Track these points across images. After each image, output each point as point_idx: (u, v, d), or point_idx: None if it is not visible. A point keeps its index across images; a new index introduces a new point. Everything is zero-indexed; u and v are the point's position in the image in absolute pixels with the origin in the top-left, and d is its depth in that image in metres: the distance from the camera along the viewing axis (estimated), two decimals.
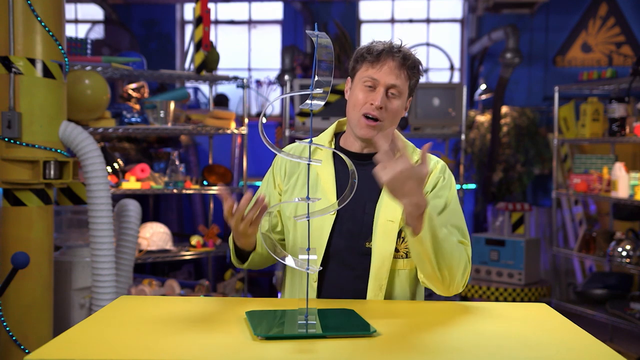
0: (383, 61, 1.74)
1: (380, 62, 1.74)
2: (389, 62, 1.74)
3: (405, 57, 1.75)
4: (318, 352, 1.26)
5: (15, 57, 2.71)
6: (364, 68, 1.77)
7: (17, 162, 2.75)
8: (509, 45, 5.92)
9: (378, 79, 1.74)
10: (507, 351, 1.31)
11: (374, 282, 1.75)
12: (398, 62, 1.74)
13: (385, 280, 1.75)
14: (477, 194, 6.53)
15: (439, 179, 1.80)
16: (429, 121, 4.66)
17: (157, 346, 1.28)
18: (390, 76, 1.74)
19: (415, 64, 1.77)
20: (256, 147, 5.94)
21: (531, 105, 6.61)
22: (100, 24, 6.55)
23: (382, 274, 1.75)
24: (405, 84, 1.76)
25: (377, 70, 1.74)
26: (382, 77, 1.74)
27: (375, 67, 1.74)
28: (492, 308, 1.68)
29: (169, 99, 3.99)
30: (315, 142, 1.82)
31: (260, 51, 7.20)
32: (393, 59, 1.74)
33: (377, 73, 1.74)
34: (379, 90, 1.74)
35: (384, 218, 1.75)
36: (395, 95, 1.75)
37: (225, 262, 5.41)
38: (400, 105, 1.77)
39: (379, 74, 1.74)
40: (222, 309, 1.59)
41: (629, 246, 4.18)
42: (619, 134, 4.24)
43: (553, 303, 4.63)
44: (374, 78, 1.74)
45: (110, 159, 3.72)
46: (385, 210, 1.76)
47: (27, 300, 2.76)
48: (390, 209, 1.76)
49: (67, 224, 3.44)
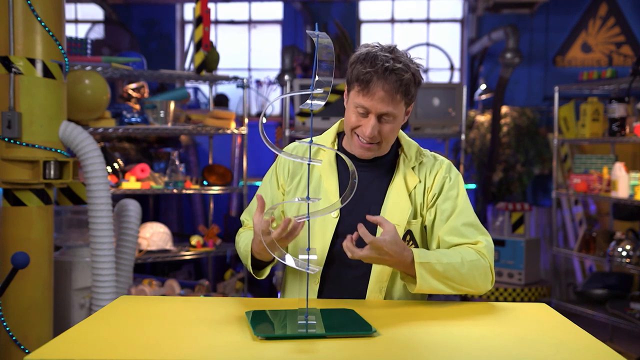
0: (373, 88, 1.63)
1: (370, 90, 1.63)
2: (378, 91, 1.63)
3: (399, 79, 1.63)
4: (318, 352, 1.26)
5: (15, 57, 2.70)
6: (355, 92, 1.68)
7: (17, 162, 2.75)
8: (509, 45, 5.92)
9: (369, 108, 1.65)
10: (507, 351, 1.31)
11: (375, 284, 1.75)
12: (391, 87, 1.63)
13: (385, 283, 1.75)
14: (477, 194, 6.53)
15: (445, 179, 1.79)
16: (429, 121, 4.66)
17: (157, 346, 1.28)
18: (382, 104, 1.64)
19: (409, 81, 1.65)
20: (256, 147, 5.93)
21: (531, 105, 6.61)
22: (100, 24, 6.55)
23: (383, 275, 1.75)
24: (399, 105, 1.67)
25: (369, 99, 1.64)
26: (373, 106, 1.65)
27: (367, 96, 1.64)
28: (492, 308, 1.68)
29: (169, 99, 3.99)
30: (317, 141, 1.83)
31: (260, 51, 7.20)
32: (384, 85, 1.62)
33: (368, 102, 1.65)
34: (370, 118, 1.66)
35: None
36: (389, 120, 1.68)
37: (225, 262, 5.41)
38: (397, 124, 1.71)
39: (370, 103, 1.65)
40: (222, 309, 1.59)
41: (629, 246, 4.18)
42: (619, 134, 4.24)
43: (553, 303, 4.63)
44: (364, 107, 1.66)
45: (110, 159, 3.72)
46: (390, 213, 1.76)
47: (27, 300, 2.76)
48: (395, 212, 1.75)
49: (67, 224, 3.44)
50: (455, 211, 1.76)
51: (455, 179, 1.81)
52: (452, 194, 1.78)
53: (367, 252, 1.56)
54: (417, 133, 4.67)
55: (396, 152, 1.83)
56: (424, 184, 1.79)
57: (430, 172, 1.80)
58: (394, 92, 1.64)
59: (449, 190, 1.78)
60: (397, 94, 1.65)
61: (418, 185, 1.79)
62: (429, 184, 1.79)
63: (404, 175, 1.78)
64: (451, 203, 1.77)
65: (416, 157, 1.81)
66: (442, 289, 1.66)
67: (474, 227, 1.76)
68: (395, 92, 1.64)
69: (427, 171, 1.80)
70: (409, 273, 1.65)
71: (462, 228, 1.74)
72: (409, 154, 1.81)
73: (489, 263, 1.72)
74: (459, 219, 1.75)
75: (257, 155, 6.07)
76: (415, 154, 1.82)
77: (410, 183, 1.78)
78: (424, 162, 1.82)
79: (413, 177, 1.79)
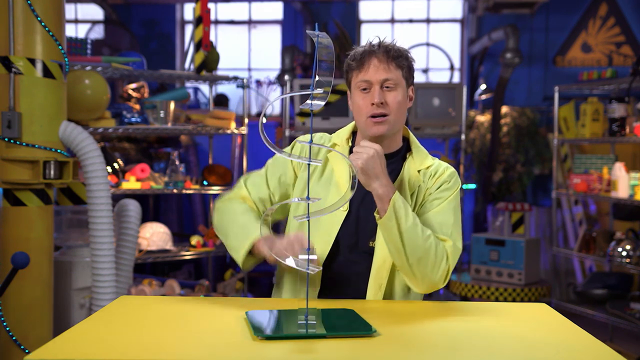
0: (367, 62, 1.77)
1: (365, 64, 1.78)
2: (373, 60, 1.77)
3: (386, 50, 1.77)
4: (318, 352, 1.26)
5: (15, 57, 2.70)
6: (354, 75, 1.80)
7: (17, 162, 2.75)
8: (509, 45, 5.92)
9: (369, 79, 1.77)
10: (507, 351, 1.31)
11: (374, 281, 1.77)
12: (382, 57, 1.77)
13: (385, 280, 1.77)
14: (477, 194, 6.53)
15: (444, 182, 1.82)
16: (429, 121, 4.66)
17: (157, 346, 1.28)
18: (379, 72, 1.76)
19: (399, 53, 1.79)
20: (256, 147, 5.93)
21: (531, 105, 6.61)
22: (100, 24, 6.55)
23: (382, 272, 1.77)
24: (397, 73, 1.78)
25: (365, 72, 1.77)
26: (371, 76, 1.77)
27: (363, 70, 1.78)
28: (492, 308, 1.69)
29: (169, 99, 3.98)
30: (334, 138, 1.90)
31: (260, 51, 7.20)
32: (376, 55, 1.77)
33: (366, 74, 1.77)
34: (374, 89, 1.77)
35: None
36: (391, 88, 1.78)
37: (225, 262, 5.41)
38: (400, 95, 1.78)
39: (368, 75, 1.77)
40: (222, 309, 1.59)
41: (629, 246, 4.18)
42: (619, 134, 4.24)
43: (553, 303, 4.63)
44: (365, 80, 1.78)
45: (110, 159, 3.72)
46: None
47: (27, 300, 2.76)
48: None
49: (67, 224, 3.44)
50: (437, 209, 1.79)
51: (453, 186, 1.82)
52: (444, 195, 1.80)
53: (373, 147, 1.69)
54: (417, 133, 4.67)
55: (404, 155, 1.87)
56: (425, 185, 1.83)
57: (434, 176, 1.83)
58: (387, 60, 1.77)
59: (441, 192, 1.81)
60: (390, 62, 1.77)
61: (421, 185, 1.82)
62: (430, 185, 1.82)
63: (408, 176, 1.82)
64: (438, 202, 1.80)
65: (423, 161, 1.85)
66: (396, 243, 1.66)
67: (448, 228, 1.77)
68: (388, 60, 1.77)
69: (432, 174, 1.83)
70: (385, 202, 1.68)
71: (435, 224, 1.77)
72: (417, 158, 1.85)
73: (449, 263, 1.72)
74: (437, 217, 1.78)
75: (257, 155, 6.05)
76: (423, 159, 1.85)
77: (414, 184, 1.82)
78: (430, 167, 1.85)
79: (417, 178, 1.82)
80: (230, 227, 1.79)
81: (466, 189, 6.29)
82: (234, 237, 1.76)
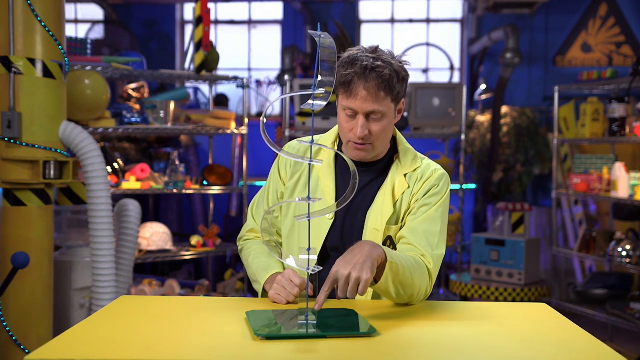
0: (356, 90, 1.64)
1: (353, 92, 1.65)
2: (360, 90, 1.64)
3: (380, 77, 1.64)
4: (318, 352, 1.26)
5: (15, 57, 2.70)
6: (341, 95, 1.70)
7: (17, 162, 2.75)
8: (509, 45, 5.92)
9: (355, 108, 1.67)
10: (507, 351, 1.31)
11: None
12: (372, 85, 1.64)
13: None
14: (477, 194, 6.53)
15: (432, 186, 1.78)
16: (429, 121, 4.66)
17: (157, 346, 1.28)
18: (367, 103, 1.65)
19: (392, 81, 1.66)
20: (256, 147, 5.94)
21: (531, 105, 6.61)
22: (100, 24, 6.55)
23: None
24: (385, 101, 1.67)
25: (353, 100, 1.66)
26: (358, 106, 1.66)
27: (350, 98, 1.66)
28: (492, 308, 1.69)
29: (169, 99, 3.99)
30: (318, 142, 1.84)
31: (260, 51, 7.20)
32: (365, 84, 1.64)
33: (353, 103, 1.66)
34: (359, 118, 1.67)
35: (371, 226, 1.76)
36: (377, 118, 1.68)
37: (225, 262, 5.41)
38: (386, 122, 1.71)
39: (355, 104, 1.66)
40: (222, 309, 1.59)
41: (629, 246, 4.18)
42: (619, 134, 4.24)
43: (553, 303, 4.63)
44: (351, 108, 1.68)
45: (110, 159, 3.72)
46: (373, 218, 1.77)
47: (27, 300, 2.76)
48: (377, 217, 1.76)
49: (67, 224, 3.44)
50: (424, 216, 1.75)
51: (441, 189, 1.78)
52: (432, 200, 1.76)
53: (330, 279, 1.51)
54: (417, 133, 4.67)
55: (392, 158, 1.83)
56: (411, 190, 1.78)
57: (421, 179, 1.79)
58: (376, 89, 1.64)
59: (429, 197, 1.77)
60: (380, 91, 1.65)
61: (406, 191, 1.78)
62: (416, 190, 1.78)
63: (393, 182, 1.78)
64: (426, 208, 1.76)
65: (410, 164, 1.80)
66: (390, 294, 1.62)
67: (434, 236, 1.74)
68: (378, 89, 1.65)
69: (418, 177, 1.79)
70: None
71: (421, 232, 1.73)
72: (404, 161, 1.81)
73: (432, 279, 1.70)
74: (424, 225, 1.74)
75: (257, 155, 6.07)
76: (410, 161, 1.81)
77: (399, 190, 1.78)
78: (418, 169, 1.80)
79: (403, 183, 1.78)
80: (248, 272, 1.87)
81: (466, 189, 6.29)
82: (252, 282, 1.85)
